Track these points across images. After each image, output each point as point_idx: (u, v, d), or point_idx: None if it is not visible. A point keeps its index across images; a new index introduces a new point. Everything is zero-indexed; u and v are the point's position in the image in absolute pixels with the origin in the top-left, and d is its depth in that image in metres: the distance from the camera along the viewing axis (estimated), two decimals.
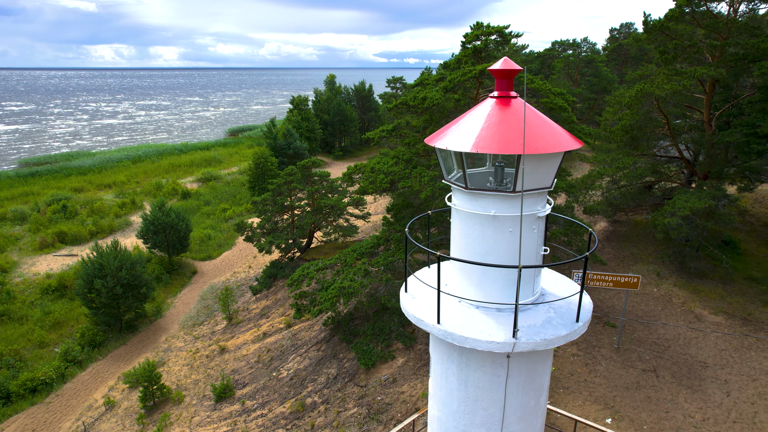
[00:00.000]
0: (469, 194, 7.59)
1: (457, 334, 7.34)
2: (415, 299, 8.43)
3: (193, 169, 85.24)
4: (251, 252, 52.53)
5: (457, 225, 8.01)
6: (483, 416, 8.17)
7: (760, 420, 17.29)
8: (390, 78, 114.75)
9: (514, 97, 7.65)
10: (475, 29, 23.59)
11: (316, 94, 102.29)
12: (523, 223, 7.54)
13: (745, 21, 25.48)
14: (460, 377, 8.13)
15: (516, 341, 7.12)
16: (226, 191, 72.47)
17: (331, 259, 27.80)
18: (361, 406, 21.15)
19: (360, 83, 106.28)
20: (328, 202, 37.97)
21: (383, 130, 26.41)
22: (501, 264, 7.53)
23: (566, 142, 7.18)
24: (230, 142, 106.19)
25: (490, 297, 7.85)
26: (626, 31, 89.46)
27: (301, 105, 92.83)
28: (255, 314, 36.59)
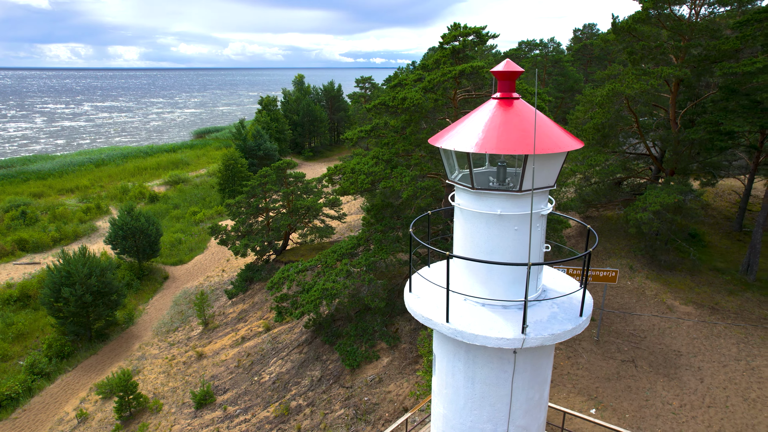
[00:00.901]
0: (475, 194, 7.72)
1: (467, 332, 7.46)
2: (420, 299, 8.51)
3: (159, 172, 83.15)
4: (224, 255, 51.68)
5: (462, 224, 8.13)
6: (490, 412, 8.32)
7: (732, 404, 18.13)
8: (359, 78, 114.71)
9: (516, 98, 7.82)
10: (453, 30, 23.85)
11: (285, 94, 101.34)
12: (526, 221, 7.72)
13: (705, 24, 26.62)
14: (467, 374, 8.25)
15: (525, 337, 7.29)
16: (196, 194, 71.02)
17: (310, 261, 27.64)
18: (348, 407, 21.12)
19: (329, 83, 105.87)
20: (304, 203, 37.72)
21: (361, 130, 26.42)
22: (507, 262, 7.70)
23: (570, 142, 7.39)
24: (197, 144, 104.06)
25: (495, 294, 8.01)
26: (589, 32, 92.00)
27: (270, 105, 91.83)
28: (232, 318, 36.02)
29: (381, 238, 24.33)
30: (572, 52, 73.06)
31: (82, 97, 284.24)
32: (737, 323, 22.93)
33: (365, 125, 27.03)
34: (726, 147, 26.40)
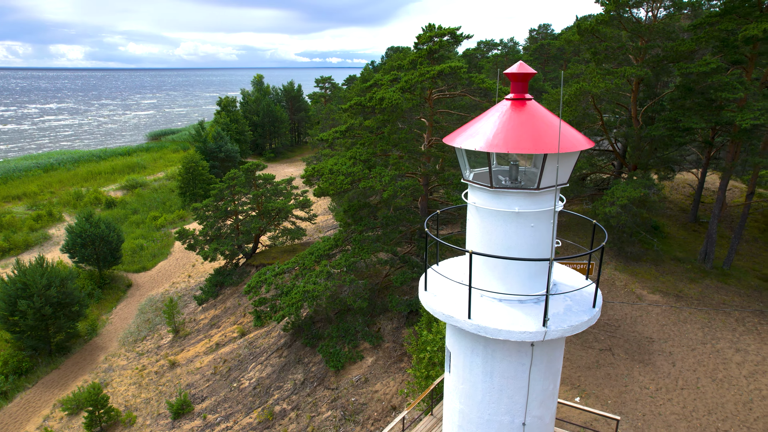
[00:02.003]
0: (493, 193, 7.92)
1: (491, 328, 7.65)
2: (437, 297, 8.64)
3: (115, 176, 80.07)
4: (189, 260, 50.37)
5: (478, 222, 8.31)
6: (508, 404, 8.55)
7: (702, 385, 19.21)
8: (318, 78, 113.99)
9: (529, 99, 8.07)
10: (428, 31, 24.14)
11: (244, 95, 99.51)
12: (543, 218, 7.99)
13: (662, 26, 28.00)
14: (485, 369, 8.45)
15: (547, 329, 7.55)
16: (155, 198, 68.78)
17: (287, 264, 27.36)
18: (335, 409, 21.06)
19: (289, 83, 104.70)
20: (275, 205, 37.22)
21: (336, 131, 26.35)
22: (524, 258, 7.95)
23: (583, 141, 7.70)
24: (153, 147, 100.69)
25: (512, 289, 8.24)
26: (544, 32, 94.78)
27: (229, 106, 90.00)
28: (204, 325, 35.17)
29: (360, 239, 24.35)
30: (530, 52, 75.00)
31: (25, 98, 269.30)
32: (700, 309, 24.29)
33: (340, 126, 26.96)
34: (684, 143, 27.87)
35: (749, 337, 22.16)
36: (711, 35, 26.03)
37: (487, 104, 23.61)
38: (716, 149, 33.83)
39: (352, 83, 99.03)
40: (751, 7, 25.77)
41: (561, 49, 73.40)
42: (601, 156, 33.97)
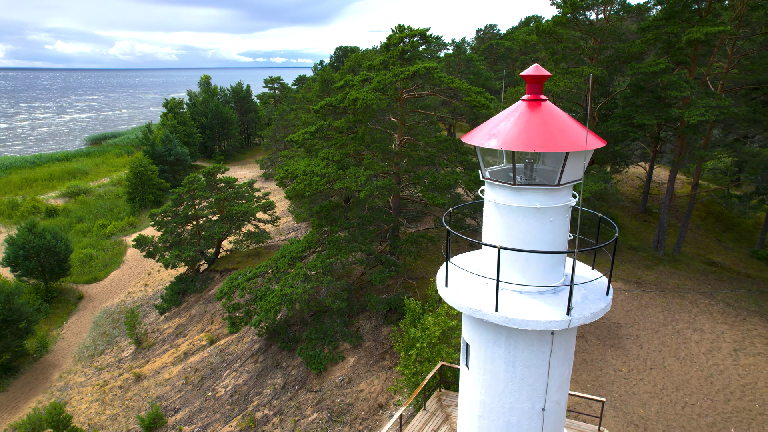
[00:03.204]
0: (515, 189, 8.26)
1: (519, 319, 7.99)
2: (459, 292, 8.90)
3: (54, 183, 75.52)
4: (144, 269, 48.40)
5: (498, 218, 8.63)
6: (529, 391, 8.94)
7: (668, 364, 20.57)
8: (267, 78, 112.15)
9: (543, 100, 8.46)
10: (398, 32, 24.40)
11: (191, 96, 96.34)
12: (559, 212, 8.43)
13: (612, 28, 29.58)
14: (507, 359, 8.79)
15: (571, 318, 7.97)
16: (101, 205, 65.50)
17: (259, 267, 26.92)
18: (320, 411, 20.97)
19: (237, 84, 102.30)
20: (239, 208, 36.42)
21: (306, 131, 26.15)
22: (544, 250, 8.36)
23: (596, 140, 8.17)
24: (95, 152, 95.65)
25: (532, 281, 8.63)
26: (491, 32, 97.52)
27: (176, 108, 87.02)
28: (169, 334, 33.96)
29: (336, 239, 24.32)
30: (479, 51, 76.95)
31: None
32: (658, 293, 25.92)
33: (310, 126, 26.79)
34: (637, 138, 29.57)
35: (703, 317, 23.89)
36: (658, 38, 27.80)
37: (458, 104, 24.18)
38: (661, 144, 36.12)
39: (303, 83, 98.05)
40: (691, 12, 27.72)
41: (509, 48, 75.86)
42: None
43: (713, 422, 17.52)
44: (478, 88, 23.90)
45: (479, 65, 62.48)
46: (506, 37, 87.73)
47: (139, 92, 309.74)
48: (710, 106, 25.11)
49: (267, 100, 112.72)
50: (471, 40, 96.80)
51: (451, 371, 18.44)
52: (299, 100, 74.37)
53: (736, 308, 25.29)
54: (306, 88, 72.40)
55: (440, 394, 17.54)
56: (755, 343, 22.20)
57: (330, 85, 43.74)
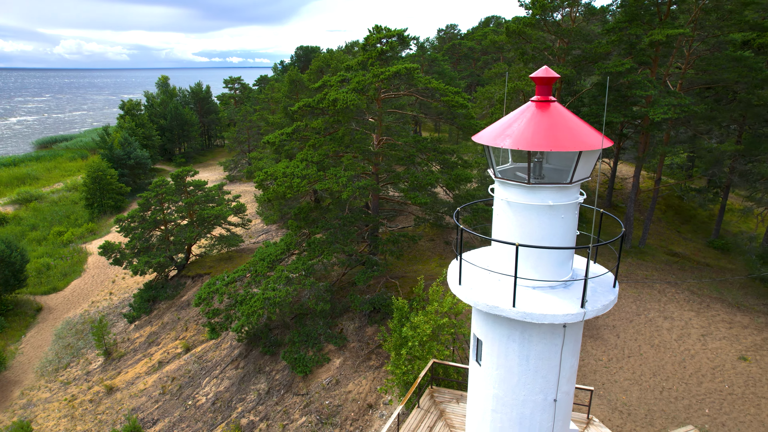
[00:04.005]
0: (529, 188, 8.50)
1: (536, 313, 8.24)
2: (473, 289, 9.08)
3: (1, 189, 71.65)
4: (108, 276, 46.63)
5: (510, 215, 8.86)
6: (542, 383, 9.22)
7: (644, 351, 21.51)
8: (227, 78, 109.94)
9: (552, 101, 8.74)
10: (376, 32, 24.45)
11: (148, 97, 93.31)
12: (569, 209, 8.73)
13: (578, 29, 30.62)
14: (521, 353, 9.04)
15: (586, 310, 8.29)
16: (56, 212, 62.60)
17: (237, 271, 26.45)
18: (309, 414, 20.83)
19: (196, 84, 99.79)
20: (210, 212, 35.61)
21: (283, 133, 25.87)
22: (555, 246, 8.65)
23: (605, 139, 8.51)
24: (45, 156, 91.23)
25: (545, 277, 8.91)
26: (452, 32, 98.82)
27: (134, 110, 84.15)
28: (141, 344, 32.87)
29: (319, 241, 24.17)
30: (443, 51, 77.86)
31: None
32: (629, 284, 27.02)
33: (286, 128, 26.52)
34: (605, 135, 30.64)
35: (672, 305, 25.09)
36: (621, 39, 28.96)
37: (436, 104, 24.47)
38: (624, 140, 37.62)
39: (265, 84, 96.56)
40: (651, 15, 29.04)
41: (471, 48, 77.18)
42: None
43: (689, 404, 18.46)
44: (454, 88, 24.26)
45: (444, 65, 63.26)
46: (468, 37, 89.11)
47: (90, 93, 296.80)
48: (672, 105, 26.38)
49: (227, 101, 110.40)
50: (433, 39, 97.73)
51: (442, 368, 18.70)
52: (262, 100, 73.34)
53: (700, 296, 26.68)
54: (269, 89, 71.32)
55: (432, 391, 17.76)
56: (720, 327, 23.50)
57: (298, 85, 43.36)
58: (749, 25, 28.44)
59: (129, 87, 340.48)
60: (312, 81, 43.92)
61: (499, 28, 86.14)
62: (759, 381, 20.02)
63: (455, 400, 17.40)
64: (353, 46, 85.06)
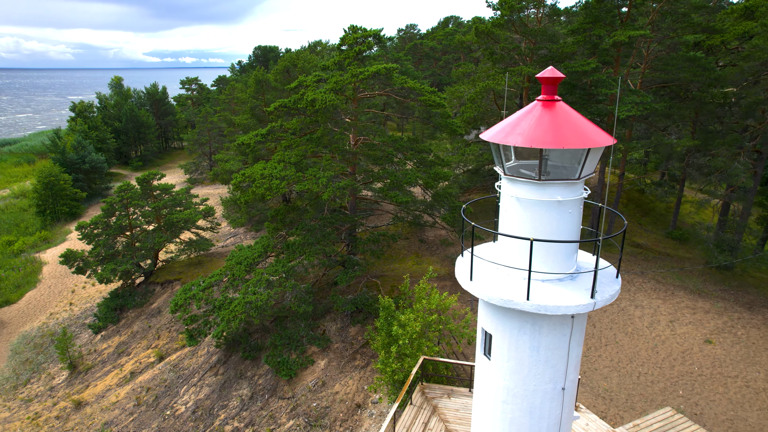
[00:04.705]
0: (539, 185, 8.78)
1: (550, 305, 8.52)
2: (485, 284, 9.29)
3: None
4: (66, 286, 44.61)
5: (519, 211, 9.12)
6: (551, 373, 9.53)
7: (620, 339, 22.45)
8: (184, 79, 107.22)
9: (558, 100, 9.05)
10: (352, 32, 24.42)
11: (101, 99, 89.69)
12: (576, 204, 9.06)
13: (543, 30, 31.56)
14: (532, 344, 9.32)
15: (596, 301, 8.64)
16: (4, 220, 59.37)
17: (213, 276, 25.89)
18: (297, 417, 20.64)
19: (152, 85, 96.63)
20: (179, 216, 34.62)
21: (258, 134, 25.47)
22: (564, 240, 8.97)
23: (608, 137, 8.89)
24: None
25: (553, 270, 9.23)
26: (411, 32, 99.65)
27: (86, 112, 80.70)
28: (109, 354, 31.64)
29: (300, 242, 23.94)
30: (405, 51, 78.41)
31: None
32: None
33: (260, 129, 26.14)
34: None
35: (641, 294, 26.26)
36: (586, 39, 30.06)
37: (413, 103, 24.70)
38: None
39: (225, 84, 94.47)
40: (612, 17, 30.26)
41: (433, 48, 78.13)
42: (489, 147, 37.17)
43: (665, 387, 19.41)
44: (430, 88, 24.58)
45: (407, 64, 63.75)
46: (428, 36, 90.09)
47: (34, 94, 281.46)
48: (636, 102, 27.58)
49: (184, 102, 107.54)
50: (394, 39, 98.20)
51: (431, 364, 18.94)
52: (223, 101, 71.77)
53: (664, 284, 28.03)
54: (230, 89, 69.82)
55: (423, 387, 17.98)
56: (685, 314, 24.79)
57: (265, 86, 42.70)
58: (701, 27, 30.08)
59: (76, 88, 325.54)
60: (278, 81, 43.34)
61: (460, 27, 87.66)
62: (723, 362, 21.26)
63: (446, 395, 17.68)
64: (316, 45, 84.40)
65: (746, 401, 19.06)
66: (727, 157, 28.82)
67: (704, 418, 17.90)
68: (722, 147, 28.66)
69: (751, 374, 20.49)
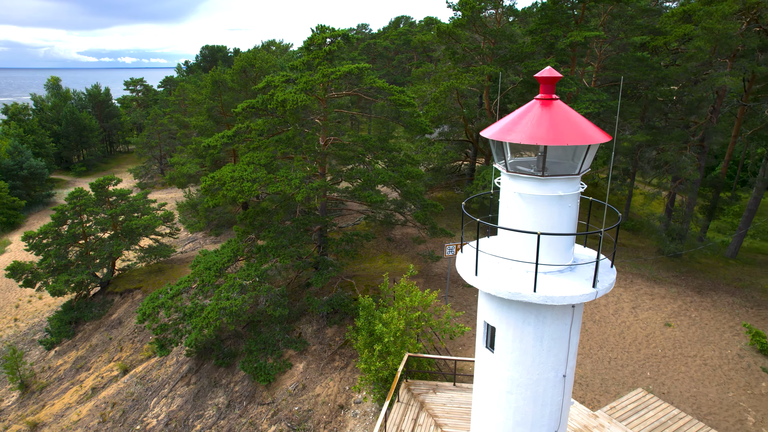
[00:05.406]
0: (541, 180, 9.10)
1: (556, 296, 8.86)
2: (491, 278, 9.53)
3: None
4: (8, 301, 41.92)
5: (523, 207, 9.41)
6: (554, 361, 9.90)
7: (588, 327, 23.45)
8: (128, 80, 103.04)
9: (555, 98, 9.41)
10: (321, 32, 24.23)
11: (37, 101, 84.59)
12: (574, 198, 9.46)
13: (503, 30, 32.49)
14: (536, 335, 9.65)
15: (597, 290, 9.06)
16: None
17: (181, 283, 25.07)
18: (279, 422, 20.32)
19: (94, 86, 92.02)
20: (139, 222, 33.22)
21: (224, 135, 24.87)
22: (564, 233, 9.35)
23: (604, 134, 9.32)
24: None
25: (554, 261, 9.59)
26: (363, 31, 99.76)
27: (20, 114, 75.95)
28: (66, 371, 29.99)
29: (274, 244, 23.55)
30: (359, 50, 78.37)
31: None
32: None
33: (217, 131, 25.53)
34: None
35: None
36: (543, 40, 31.16)
37: (383, 102, 24.81)
38: None
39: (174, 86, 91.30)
40: (567, 18, 31.52)
41: (386, 48, 78.58)
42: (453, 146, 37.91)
43: (634, 370, 20.47)
44: (399, 87, 24.77)
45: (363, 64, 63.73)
46: (380, 36, 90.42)
47: None
48: (592, 100, 28.87)
49: (129, 104, 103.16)
50: None
51: (415, 361, 19.15)
52: (173, 102, 69.40)
53: (623, 273, 29.50)
54: (180, 90, 67.55)
55: (408, 384, 18.16)
56: (645, 300, 26.20)
57: (222, 86, 41.59)
58: (648, 29, 31.84)
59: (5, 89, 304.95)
60: (235, 82, 42.37)
61: (412, 28, 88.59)
62: (683, 343, 22.64)
63: (432, 391, 17.93)
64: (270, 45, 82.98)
65: (705, 378, 20.38)
66: (675, 152, 30.64)
67: (671, 396, 19.01)
68: (670, 142, 30.44)
69: (707, 353, 21.93)
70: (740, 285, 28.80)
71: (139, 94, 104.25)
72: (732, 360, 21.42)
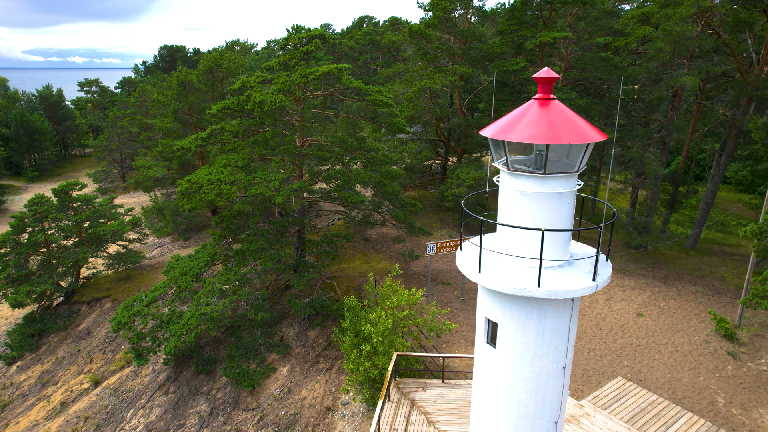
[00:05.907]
0: (542, 178, 9.34)
1: (560, 290, 9.11)
2: (494, 275, 9.72)
3: None
4: None
5: (524, 205, 9.64)
6: (555, 354, 10.18)
7: None
8: (83, 81, 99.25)
9: (553, 98, 9.66)
10: (297, 32, 23.98)
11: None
12: (572, 195, 9.75)
13: (473, 30, 33.01)
14: (538, 329, 9.90)
15: (597, 283, 9.37)
16: None
17: (156, 289, 24.34)
18: (265, 427, 20.03)
19: (45, 87, 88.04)
20: (106, 228, 32.02)
21: (198, 137, 24.30)
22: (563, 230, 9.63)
23: (600, 132, 9.64)
24: None
25: (555, 257, 9.87)
26: (327, 31, 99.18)
27: None
28: (30, 386, 28.64)
29: (254, 247, 23.17)
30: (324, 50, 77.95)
31: None
32: None
33: (199, 132, 24.97)
34: None
35: None
36: (512, 40, 31.83)
37: (360, 102, 24.79)
38: None
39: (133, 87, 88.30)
40: (535, 19, 32.31)
41: (351, 47, 78.46)
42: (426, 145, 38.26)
43: (612, 360, 21.22)
44: (376, 87, 24.81)
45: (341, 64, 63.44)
46: (345, 36, 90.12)
47: None
48: (562, 99, 29.68)
49: (84, 106, 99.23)
50: None
51: (404, 359, 19.25)
52: (133, 104, 67.22)
53: None
54: (140, 91, 65.48)
55: (397, 383, 18.25)
56: (617, 292, 27.18)
57: (188, 87, 40.59)
58: (611, 30, 33.00)
59: None
60: (202, 82, 41.46)
61: (376, 28, 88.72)
62: (654, 331, 23.62)
63: (421, 388, 18.08)
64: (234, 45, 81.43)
65: (678, 364, 21.33)
66: (639, 148, 31.88)
67: (648, 383, 19.80)
68: (635, 139, 31.65)
69: (677, 340, 22.95)
70: (701, 274, 30.23)
71: (94, 95, 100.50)
72: (700, 346, 22.49)
